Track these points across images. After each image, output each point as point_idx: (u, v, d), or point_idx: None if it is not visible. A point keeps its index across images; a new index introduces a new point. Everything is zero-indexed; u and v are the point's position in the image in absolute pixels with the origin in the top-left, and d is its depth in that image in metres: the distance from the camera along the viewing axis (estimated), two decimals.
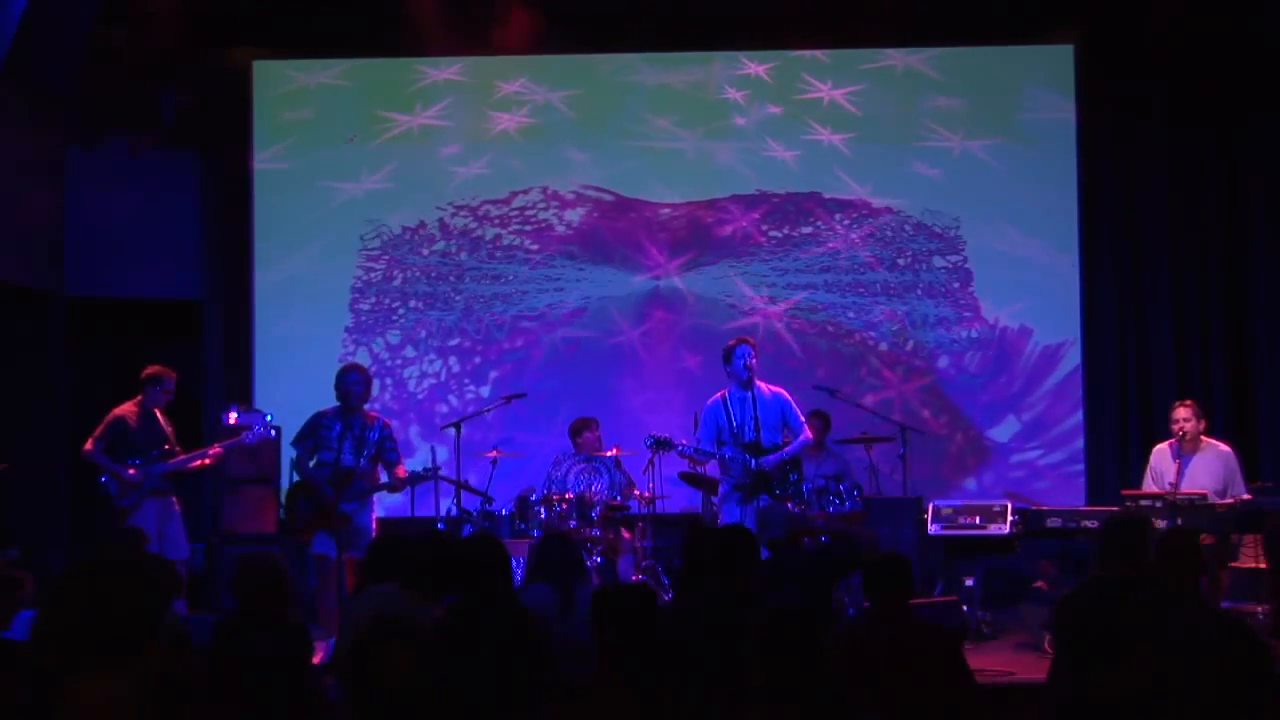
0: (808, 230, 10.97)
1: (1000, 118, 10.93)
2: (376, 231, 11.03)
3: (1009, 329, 10.88)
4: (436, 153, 11.06)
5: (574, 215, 11.02)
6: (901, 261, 10.95)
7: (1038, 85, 10.92)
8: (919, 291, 10.93)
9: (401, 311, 11.06)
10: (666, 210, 11.01)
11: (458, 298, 11.04)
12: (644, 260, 11.00)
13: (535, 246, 11.01)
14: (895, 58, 10.95)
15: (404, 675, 2.80)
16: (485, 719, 2.96)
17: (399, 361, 10.97)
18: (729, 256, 10.98)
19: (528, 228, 11.02)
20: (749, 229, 10.97)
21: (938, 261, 10.93)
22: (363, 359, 10.51)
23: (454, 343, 11.02)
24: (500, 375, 10.91)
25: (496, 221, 11.03)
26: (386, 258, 11.04)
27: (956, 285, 10.92)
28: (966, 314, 10.90)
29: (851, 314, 10.94)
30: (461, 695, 2.97)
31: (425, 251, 11.06)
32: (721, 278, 10.97)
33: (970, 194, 10.88)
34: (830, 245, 10.95)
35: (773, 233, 10.97)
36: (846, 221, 10.96)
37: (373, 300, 11.04)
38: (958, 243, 10.92)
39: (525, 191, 11.02)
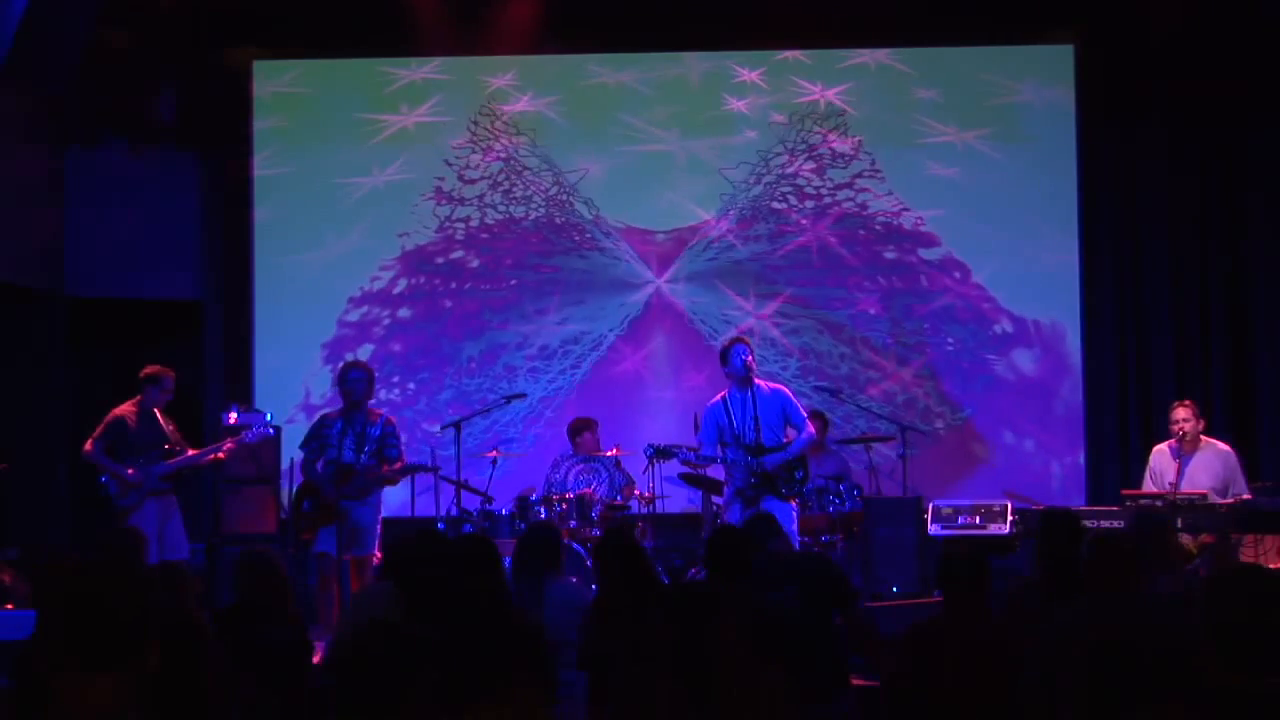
0: (808, 236, 10.97)
1: (1000, 117, 10.92)
2: (386, 239, 11.00)
3: (1011, 326, 10.87)
4: (439, 155, 11.03)
5: (581, 236, 11.00)
6: (890, 256, 10.94)
7: (1038, 84, 10.91)
8: (924, 283, 10.91)
9: (387, 322, 10.97)
10: (661, 235, 10.99)
11: (448, 304, 10.99)
12: (643, 271, 11.00)
13: (534, 260, 10.98)
14: (895, 58, 10.94)
15: (386, 676, 2.81)
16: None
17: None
18: (727, 264, 10.98)
19: (526, 240, 11.01)
20: (737, 236, 10.96)
21: (926, 256, 10.91)
22: (325, 378, 10.46)
23: (425, 360, 10.88)
24: (453, 396, 10.78)
25: (497, 240, 11.00)
26: (398, 264, 11.01)
27: (958, 275, 10.90)
28: (969, 311, 10.90)
29: (859, 309, 10.93)
30: (447, 692, 2.98)
31: (440, 260, 11.01)
32: (719, 283, 10.98)
33: (970, 194, 10.86)
34: (818, 246, 10.94)
35: (755, 238, 10.94)
36: (829, 222, 10.97)
37: (364, 310, 10.97)
38: (934, 238, 10.88)
39: (528, 203, 11.03)
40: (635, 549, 5.50)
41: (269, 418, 9.67)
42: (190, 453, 8.57)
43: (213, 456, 8.72)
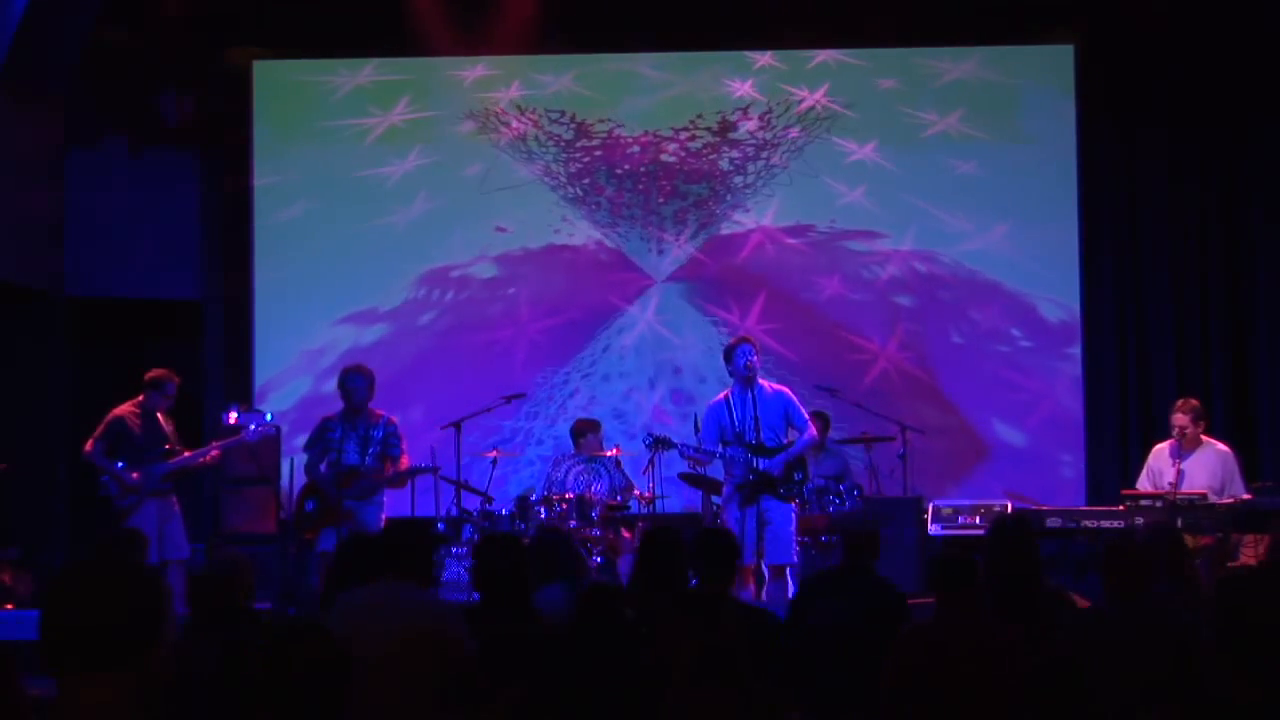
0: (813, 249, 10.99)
1: (1001, 117, 10.92)
2: (387, 237, 10.99)
3: (1011, 327, 10.88)
4: (438, 151, 11.04)
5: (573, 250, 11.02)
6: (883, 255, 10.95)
7: (1038, 85, 10.91)
8: (923, 282, 10.92)
9: (359, 337, 10.89)
10: (646, 247, 11.01)
11: (425, 314, 10.97)
12: (634, 284, 11.03)
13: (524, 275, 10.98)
14: (895, 59, 10.94)
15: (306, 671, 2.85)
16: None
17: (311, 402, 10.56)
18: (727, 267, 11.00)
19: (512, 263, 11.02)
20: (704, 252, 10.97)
21: (924, 255, 10.91)
22: (283, 401, 10.50)
23: (420, 363, 10.84)
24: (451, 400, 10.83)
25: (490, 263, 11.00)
26: (398, 269, 11.00)
27: (958, 275, 10.90)
28: (970, 312, 10.90)
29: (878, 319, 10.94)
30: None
31: (455, 274, 10.99)
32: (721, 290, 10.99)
33: (969, 193, 10.86)
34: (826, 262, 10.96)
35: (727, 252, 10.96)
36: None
37: (347, 326, 10.92)
38: (931, 238, 10.87)
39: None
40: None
41: (269, 418, 9.67)
42: (185, 454, 8.57)
43: (206, 458, 8.72)
